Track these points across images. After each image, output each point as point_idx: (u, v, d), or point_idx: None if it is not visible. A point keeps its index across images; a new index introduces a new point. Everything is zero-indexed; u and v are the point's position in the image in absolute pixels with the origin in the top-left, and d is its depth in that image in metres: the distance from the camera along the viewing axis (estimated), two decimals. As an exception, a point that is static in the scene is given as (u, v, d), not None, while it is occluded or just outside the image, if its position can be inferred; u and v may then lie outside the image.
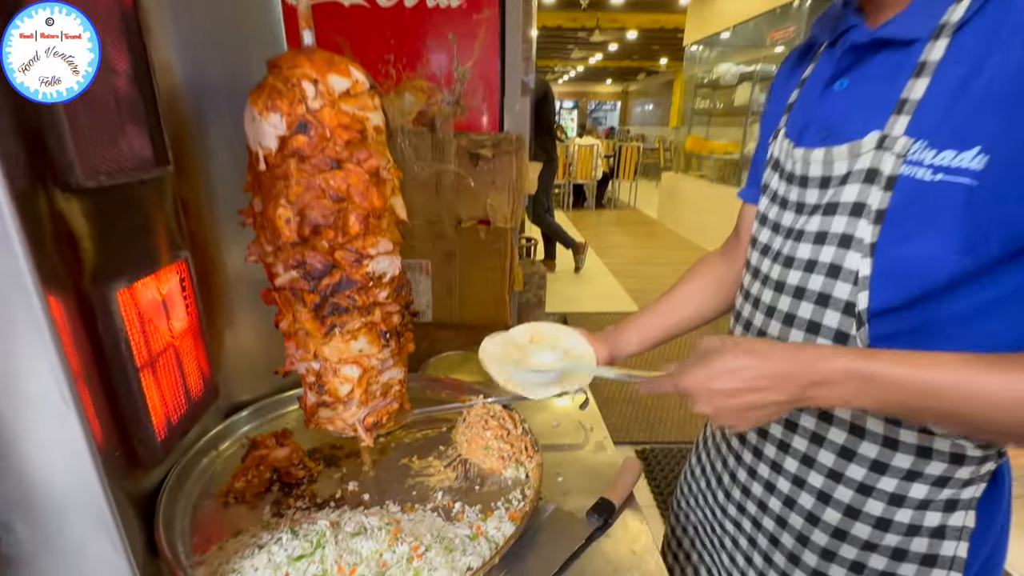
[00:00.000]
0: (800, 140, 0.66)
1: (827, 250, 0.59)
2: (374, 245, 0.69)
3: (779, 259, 0.66)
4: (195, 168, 0.89)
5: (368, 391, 0.76)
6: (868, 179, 0.55)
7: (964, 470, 0.58)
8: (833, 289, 0.58)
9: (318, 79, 0.61)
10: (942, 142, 0.50)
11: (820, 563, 0.65)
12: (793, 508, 0.67)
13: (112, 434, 0.65)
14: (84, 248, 0.63)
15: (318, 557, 0.66)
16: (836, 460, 0.62)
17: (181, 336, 0.83)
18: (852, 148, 0.57)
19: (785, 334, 0.64)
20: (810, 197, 0.63)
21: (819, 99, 0.64)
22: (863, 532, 0.62)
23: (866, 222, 0.55)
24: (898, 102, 0.54)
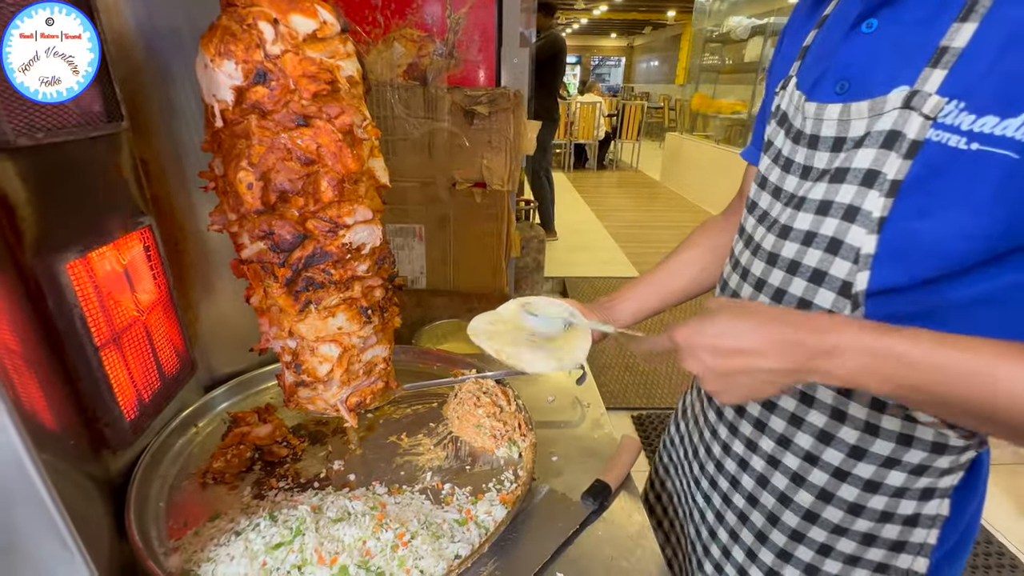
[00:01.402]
0: (813, 93, 0.57)
1: (829, 222, 0.53)
2: (351, 213, 0.62)
3: (775, 228, 0.59)
4: (155, 125, 0.80)
5: (350, 370, 0.71)
6: (887, 144, 0.48)
7: (944, 459, 0.55)
8: (830, 266, 0.53)
9: (278, 19, 0.53)
10: (983, 105, 0.43)
11: (788, 543, 0.63)
12: (765, 488, 0.64)
13: (68, 419, 0.60)
14: (22, 216, 0.56)
15: (297, 545, 0.63)
16: (814, 443, 0.59)
17: (149, 309, 0.78)
18: (873, 105, 0.49)
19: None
20: (819, 161, 0.55)
21: (841, 42, 0.54)
22: (835, 516, 0.59)
23: (877, 193, 0.48)
24: (936, 51, 0.45)
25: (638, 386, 2.84)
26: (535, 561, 0.66)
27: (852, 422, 0.56)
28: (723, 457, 0.71)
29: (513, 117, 1.56)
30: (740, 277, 0.65)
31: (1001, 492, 2.21)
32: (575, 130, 8.10)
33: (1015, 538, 1.97)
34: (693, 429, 0.81)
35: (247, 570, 0.60)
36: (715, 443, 0.73)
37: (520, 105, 1.57)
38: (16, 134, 0.54)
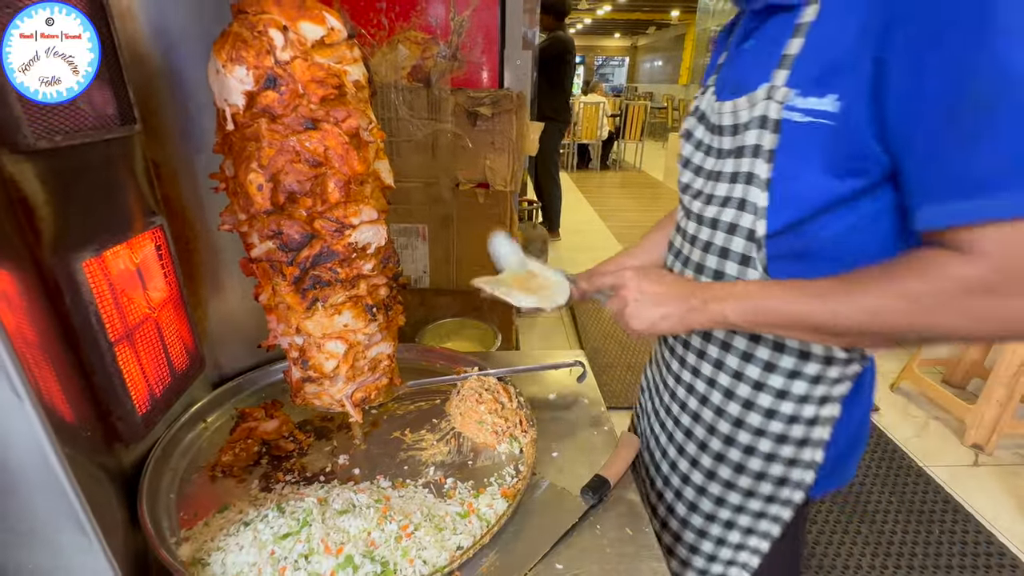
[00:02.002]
0: (720, 94, 0.75)
1: (738, 187, 0.69)
2: (356, 214, 0.63)
3: (700, 197, 0.77)
4: (167, 127, 0.83)
5: (355, 367, 0.73)
6: (762, 125, 0.64)
7: (834, 369, 0.70)
8: (740, 219, 0.69)
9: (287, 26, 0.55)
10: (808, 90, 0.59)
11: (722, 447, 0.78)
12: (705, 405, 0.80)
13: (84, 412, 0.62)
14: (41, 216, 0.58)
15: (304, 535, 0.64)
16: (739, 362, 0.75)
17: (161, 307, 0.80)
18: (750, 98, 0.66)
19: (703, 259, 0.75)
20: (724, 143, 0.72)
21: (734, 58, 0.74)
22: (756, 421, 0.75)
23: (762, 161, 0.65)
24: (780, 58, 0.63)
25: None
26: (535, 553, 0.68)
27: (765, 342, 0.72)
28: (675, 386, 0.86)
29: (516, 118, 1.58)
30: (681, 237, 0.82)
31: (1002, 492, 2.21)
32: (578, 130, 8.10)
33: (1016, 539, 1.97)
34: (655, 371, 0.95)
35: (256, 559, 0.62)
36: (669, 376, 0.88)
37: (523, 106, 1.58)
38: (35, 137, 0.56)
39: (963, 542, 1.95)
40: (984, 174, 0.49)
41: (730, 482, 0.78)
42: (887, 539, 1.96)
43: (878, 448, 2.45)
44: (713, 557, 0.83)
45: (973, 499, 2.15)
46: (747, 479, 0.77)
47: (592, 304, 3.75)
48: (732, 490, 0.78)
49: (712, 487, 0.80)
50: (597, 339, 3.32)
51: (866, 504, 2.12)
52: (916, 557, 1.89)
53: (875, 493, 2.18)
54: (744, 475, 0.77)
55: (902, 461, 2.36)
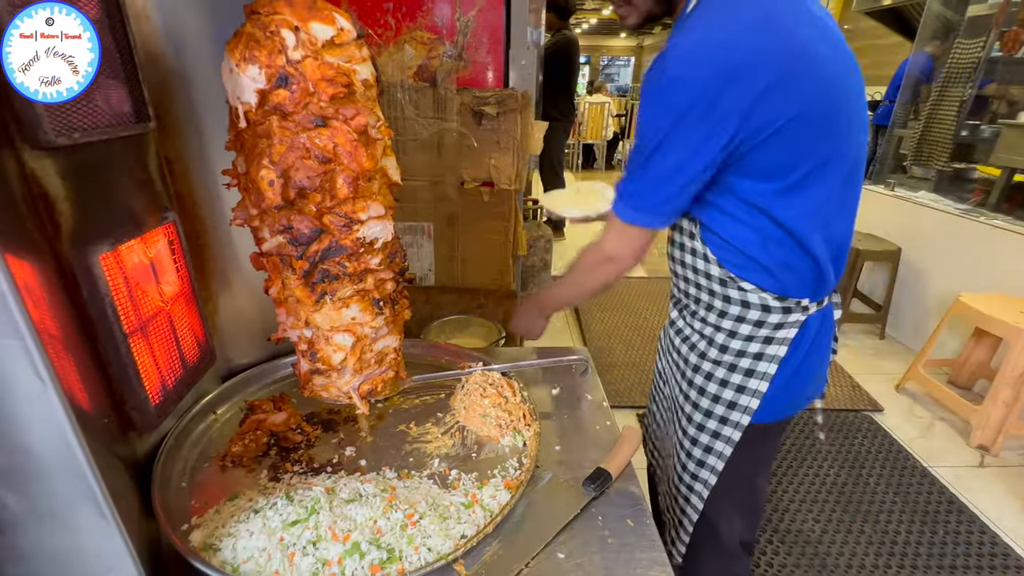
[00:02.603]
0: None
1: None
2: (364, 209, 0.65)
3: None
4: (180, 125, 0.85)
5: (362, 359, 0.75)
6: None
7: (774, 316, 0.86)
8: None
9: (299, 26, 0.56)
10: None
11: (696, 377, 0.95)
12: (692, 351, 0.97)
13: (101, 400, 0.64)
14: (60, 210, 0.60)
15: (312, 523, 0.66)
16: (704, 313, 0.94)
17: (173, 300, 0.82)
18: None
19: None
20: None
21: None
22: (713, 354, 0.92)
23: None
24: None
25: (643, 385, 2.86)
26: (537, 542, 0.69)
27: (721, 298, 0.90)
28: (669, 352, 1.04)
29: (521, 117, 1.59)
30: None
31: (1007, 493, 2.20)
32: (584, 130, 8.10)
33: (1021, 540, 1.96)
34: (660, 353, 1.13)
35: (266, 545, 0.64)
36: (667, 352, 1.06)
37: (528, 106, 1.60)
38: (56, 134, 0.58)
39: (967, 543, 1.95)
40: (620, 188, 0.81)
41: (696, 403, 0.95)
42: (891, 539, 1.96)
43: (883, 448, 2.44)
44: (684, 467, 0.99)
45: (978, 500, 2.15)
46: (706, 400, 0.93)
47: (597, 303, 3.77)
48: (696, 410, 0.95)
49: (686, 407, 0.98)
50: (601, 338, 3.32)
51: (870, 504, 2.12)
52: (920, 557, 1.89)
53: (879, 493, 2.18)
54: (704, 397, 0.94)
55: (907, 461, 2.35)
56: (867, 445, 2.45)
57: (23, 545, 0.50)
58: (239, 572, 0.61)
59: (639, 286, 4.07)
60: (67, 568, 0.52)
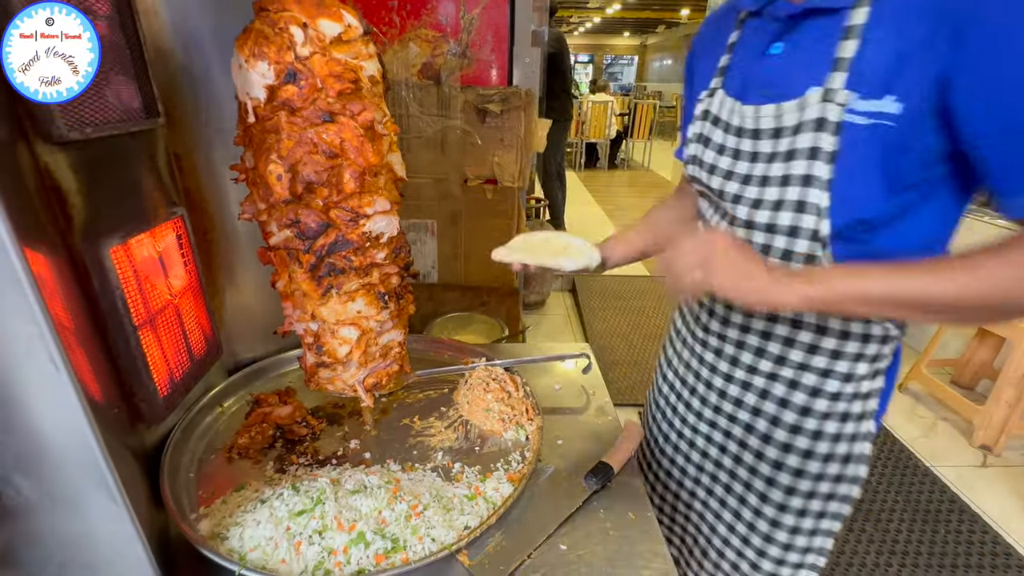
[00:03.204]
0: (746, 98, 0.73)
1: (792, 190, 0.69)
2: (370, 204, 0.66)
3: (743, 201, 0.74)
4: (188, 121, 0.86)
5: (367, 353, 0.76)
6: (818, 127, 0.64)
7: (888, 346, 0.74)
8: (801, 221, 0.68)
9: (307, 23, 0.57)
10: (869, 92, 0.60)
11: (788, 436, 0.78)
12: (767, 398, 0.79)
13: (111, 391, 0.65)
14: (72, 204, 0.61)
15: (318, 513, 0.67)
16: (781, 348, 0.76)
17: (181, 294, 0.83)
18: (800, 102, 0.66)
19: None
20: (763, 147, 0.71)
21: (756, 63, 0.72)
22: (800, 399, 0.77)
23: (822, 163, 0.65)
24: (834, 60, 0.63)
25: (645, 383, 2.86)
26: (540, 534, 0.70)
27: (807, 327, 0.74)
28: (725, 385, 0.84)
29: (524, 115, 1.60)
30: None
31: (1009, 493, 2.20)
32: (586, 129, 8.10)
33: (1016, 533, 1.96)
34: (686, 372, 0.91)
35: (272, 534, 0.65)
36: (716, 376, 0.85)
37: (531, 103, 1.61)
38: (68, 128, 0.59)
39: (969, 542, 1.95)
40: None
41: (778, 462, 0.79)
42: (892, 538, 1.96)
43: (885, 448, 2.44)
44: (781, 561, 0.82)
45: (980, 500, 2.15)
46: (796, 458, 0.77)
47: (598, 301, 3.78)
48: (782, 471, 0.79)
49: (757, 483, 0.81)
50: (603, 337, 3.33)
51: (871, 503, 2.12)
52: (921, 556, 1.89)
53: (881, 492, 2.18)
54: (813, 459, 0.77)
55: (909, 461, 2.35)
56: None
57: (37, 530, 0.51)
58: (246, 560, 0.62)
59: (641, 285, 4.07)
60: (79, 553, 0.53)
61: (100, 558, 0.54)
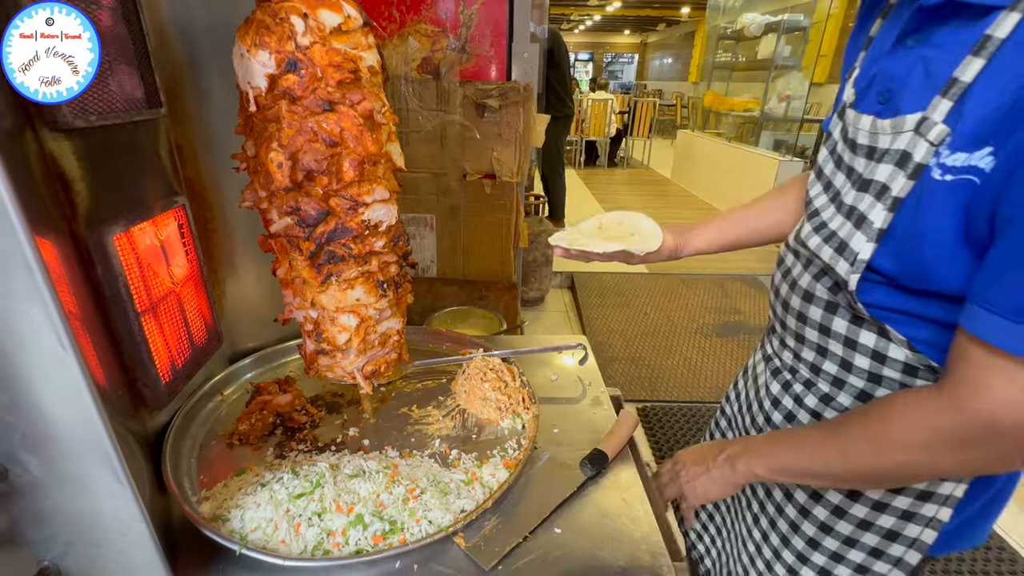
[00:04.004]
0: (860, 99, 0.62)
1: (846, 225, 0.59)
2: (369, 193, 0.67)
3: (815, 219, 0.66)
4: (189, 112, 0.87)
5: (366, 340, 0.77)
6: (900, 163, 0.53)
7: (930, 506, 0.62)
8: (837, 264, 0.59)
9: (308, 13, 0.58)
10: (961, 142, 0.47)
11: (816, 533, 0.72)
12: (807, 517, 0.73)
13: (115, 375, 0.66)
14: (77, 191, 0.63)
15: (317, 496, 0.68)
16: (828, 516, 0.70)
17: (182, 283, 0.84)
18: (895, 124, 0.53)
19: (811, 286, 0.66)
20: (858, 165, 0.60)
21: (890, 51, 0.59)
22: (846, 529, 0.69)
23: (882, 207, 0.53)
24: (948, 81, 0.48)
25: (643, 380, 2.88)
26: (535, 517, 0.71)
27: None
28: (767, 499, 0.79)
29: (523, 110, 1.61)
30: (793, 256, 0.72)
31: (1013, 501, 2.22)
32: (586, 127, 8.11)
33: (1016, 533, 1.98)
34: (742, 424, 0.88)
35: (272, 515, 0.66)
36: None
37: (530, 99, 1.61)
38: (73, 116, 0.60)
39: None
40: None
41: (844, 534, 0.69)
42: (886, 532, 1.98)
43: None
44: None
45: (974, 495, 2.17)
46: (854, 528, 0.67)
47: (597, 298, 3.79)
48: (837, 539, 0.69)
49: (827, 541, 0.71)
50: (602, 333, 3.34)
51: (866, 497, 2.14)
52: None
53: (876, 487, 2.20)
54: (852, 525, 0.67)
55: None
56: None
57: (44, 507, 0.52)
58: (247, 540, 0.64)
59: (640, 282, 4.08)
60: (85, 530, 0.54)
61: (105, 536, 0.55)
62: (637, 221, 0.87)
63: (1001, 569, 1.83)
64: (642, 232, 0.85)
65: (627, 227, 0.86)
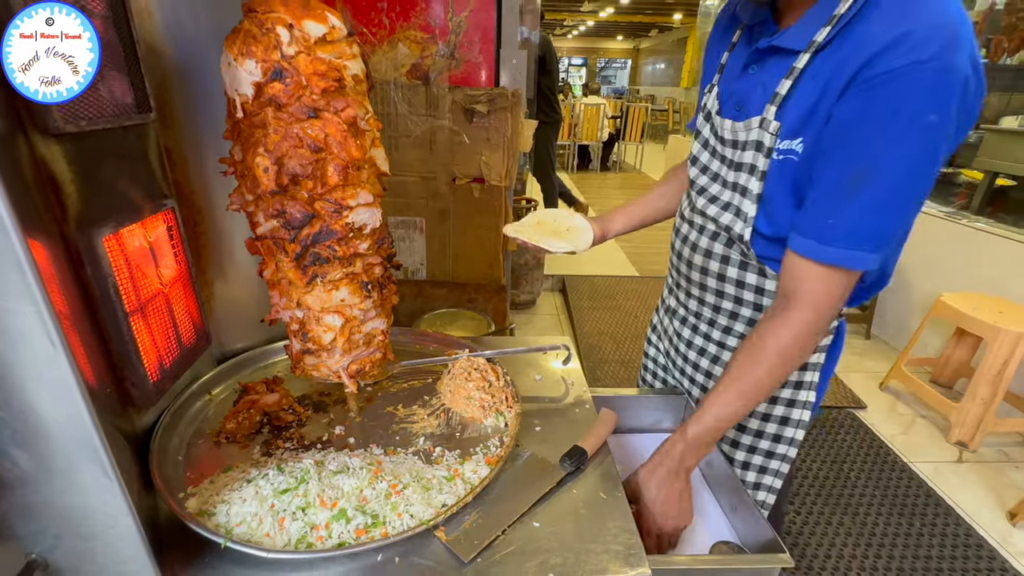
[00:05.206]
0: (723, 108, 0.87)
1: (736, 196, 0.84)
2: (354, 196, 0.69)
3: (705, 194, 0.91)
4: (179, 117, 0.89)
5: (351, 340, 0.79)
6: (757, 148, 0.78)
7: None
8: (735, 225, 0.84)
9: (293, 24, 0.61)
10: (786, 131, 0.74)
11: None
12: (717, 364, 1.00)
13: (103, 374, 0.68)
14: (67, 193, 0.64)
15: (302, 491, 0.70)
16: (745, 328, 0.94)
17: (171, 284, 0.86)
18: (747, 124, 0.79)
19: (710, 246, 0.90)
20: (727, 153, 0.86)
21: (737, 78, 0.85)
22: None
23: (755, 179, 0.79)
24: (773, 94, 0.75)
25: (631, 381, 2.91)
26: (514, 512, 0.73)
27: (746, 304, 0.92)
28: (697, 356, 1.05)
29: (511, 116, 1.64)
30: (688, 225, 0.96)
31: (983, 488, 2.26)
32: (579, 131, 8.17)
33: (995, 532, 2.03)
34: (667, 344, 1.14)
35: (257, 510, 0.68)
36: (683, 346, 1.08)
37: (518, 104, 1.64)
38: (64, 121, 0.62)
39: (943, 534, 2.01)
40: (832, 227, 0.69)
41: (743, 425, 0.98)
42: (869, 531, 2.02)
43: (864, 444, 2.50)
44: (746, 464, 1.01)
45: (955, 494, 2.21)
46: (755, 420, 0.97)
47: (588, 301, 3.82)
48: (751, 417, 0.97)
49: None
50: (592, 336, 3.37)
51: (850, 497, 2.17)
52: (897, 548, 1.95)
53: (859, 487, 2.23)
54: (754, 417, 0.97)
55: (887, 457, 2.41)
56: (849, 441, 2.51)
57: (34, 501, 0.54)
58: (232, 534, 0.65)
59: (630, 285, 4.12)
60: (73, 524, 0.56)
61: (94, 530, 0.57)
62: (569, 218, 1.05)
63: (980, 567, 1.87)
64: (575, 227, 1.03)
65: (562, 223, 1.04)
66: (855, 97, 0.64)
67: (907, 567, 1.87)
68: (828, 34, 0.68)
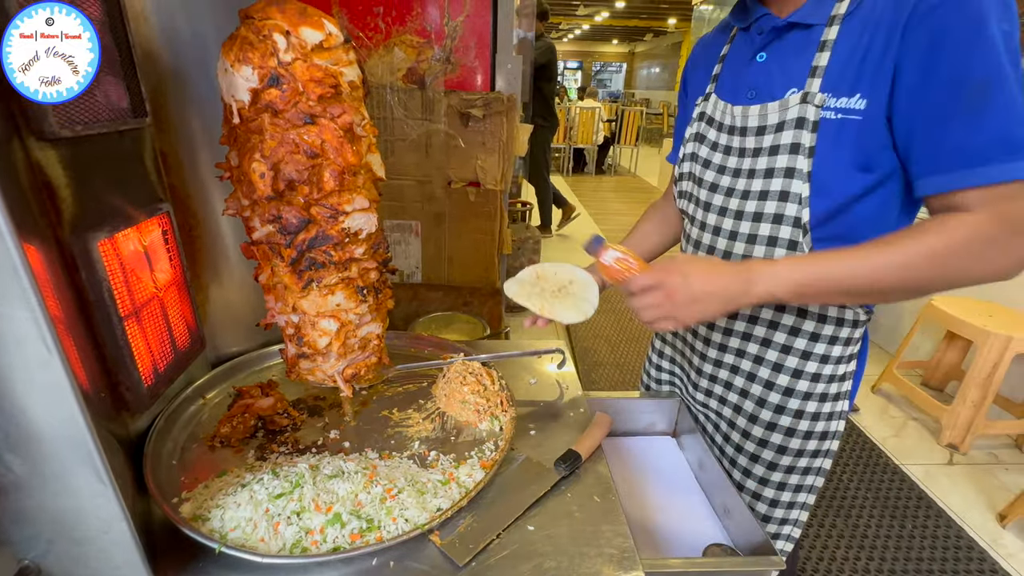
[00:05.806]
0: (735, 100, 0.85)
1: (776, 181, 0.80)
2: (349, 202, 0.70)
3: (733, 193, 0.87)
4: (175, 122, 0.89)
5: (346, 344, 0.79)
6: (799, 125, 0.76)
7: (858, 330, 0.86)
8: (785, 210, 0.79)
9: (290, 31, 0.61)
10: (839, 92, 0.72)
11: (773, 416, 0.92)
12: (754, 380, 0.93)
13: (97, 378, 0.68)
14: (62, 198, 0.64)
15: (297, 496, 0.70)
16: (787, 337, 0.88)
17: (166, 288, 0.85)
18: (782, 103, 0.78)
19: (749, 250, 0.85)
20: (749, 143, 0.83)
21: (745, 69, 0.85)
22: (784, 381, 0.90)
23: (803, 157, 0.76)
24: (811, 68, 0.75)
25: (627, 384, 2.92)
26: (509, 515, 0.74)
27: (789, 309, 0.87)
28: (715, 370, 0.99)
29: (506, 120, 1.65)
30: (712, 234, 0.91)
31: (973, 490, 2.29)
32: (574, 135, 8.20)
33: (985, 534, 2.04)
34: (680, 358, 1.10)
35: (252, 515, 0.68)
36: (706, 363, 1.01)
37: (513, 108, 1.65)
38: (60, 126, 0.62)
39: (934, 536, 2.02)
40: (979, 147, 0.63)
41: (781, 445, 0.93)
42: (861, 533, 2.03)
43: (856, 446, 2.52)
44: (775, 502, 0.97)
45: (946, 496, 2.23)
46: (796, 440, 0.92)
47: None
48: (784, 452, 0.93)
49: (764, 452, 0.95)
50: (588, 339, 3.38)
51: (842, 499, 2.19)
52: (888, 550, 1.96)
53: (851, 489, 2.25)
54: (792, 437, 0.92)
55: (879, 459, 2.43)
56: (841, 444, 2.53)
57: (28, 506, 0.54)
58: (227, 539, 0.65)
59: (626, 288, 4.14)
60: (67, 528, 0.56)
61: (87, 535, 0.57)
62: (570, 271, 0.95)
63: (970, 568, 1.89)
64: (578, 280, 0.94)
65: (563, 276, 0.94)
66: (931, 21, 0.63)
67: (899, 568, 1.89)
68: (851, 3, 0.71)
